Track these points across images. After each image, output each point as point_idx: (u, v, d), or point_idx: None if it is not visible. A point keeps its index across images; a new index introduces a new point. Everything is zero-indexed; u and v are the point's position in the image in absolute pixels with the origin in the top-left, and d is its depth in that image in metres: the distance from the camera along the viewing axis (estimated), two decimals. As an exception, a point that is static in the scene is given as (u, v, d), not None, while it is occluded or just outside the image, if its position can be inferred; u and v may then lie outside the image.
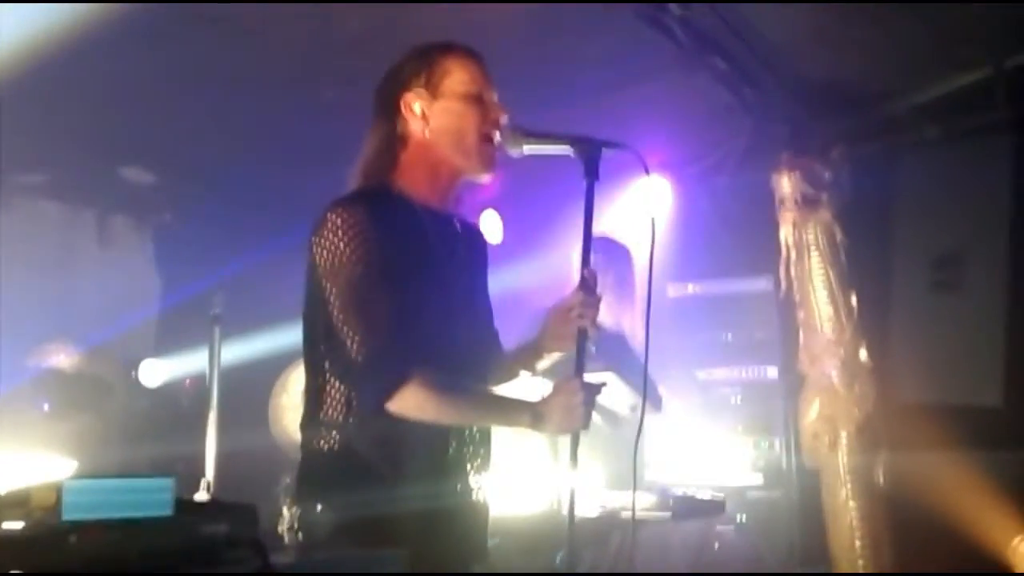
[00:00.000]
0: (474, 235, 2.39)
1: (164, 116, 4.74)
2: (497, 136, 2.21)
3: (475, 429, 2.21)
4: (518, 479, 2.98)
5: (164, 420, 4.86)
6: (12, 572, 1.33)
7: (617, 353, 3.05)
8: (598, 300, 2.18)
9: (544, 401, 2.08)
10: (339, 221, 2.08)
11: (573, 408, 2.05)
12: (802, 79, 4.11)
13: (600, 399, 3.19)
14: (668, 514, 2.91)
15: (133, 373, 4.97)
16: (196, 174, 5.44)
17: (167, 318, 5.65)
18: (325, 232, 2.09)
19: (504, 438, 2.56)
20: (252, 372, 4.93)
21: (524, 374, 2.39)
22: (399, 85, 2.25)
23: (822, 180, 4.35)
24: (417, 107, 2.22)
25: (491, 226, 5.63)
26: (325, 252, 2.08)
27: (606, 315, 3.89)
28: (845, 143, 4.33)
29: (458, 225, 2.30)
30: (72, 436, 4.24)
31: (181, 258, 5.64)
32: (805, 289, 4.54)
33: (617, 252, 4.02)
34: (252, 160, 5.22)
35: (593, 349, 3.03)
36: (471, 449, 2.20)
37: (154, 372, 5.03)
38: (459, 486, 2.16)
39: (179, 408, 4.99)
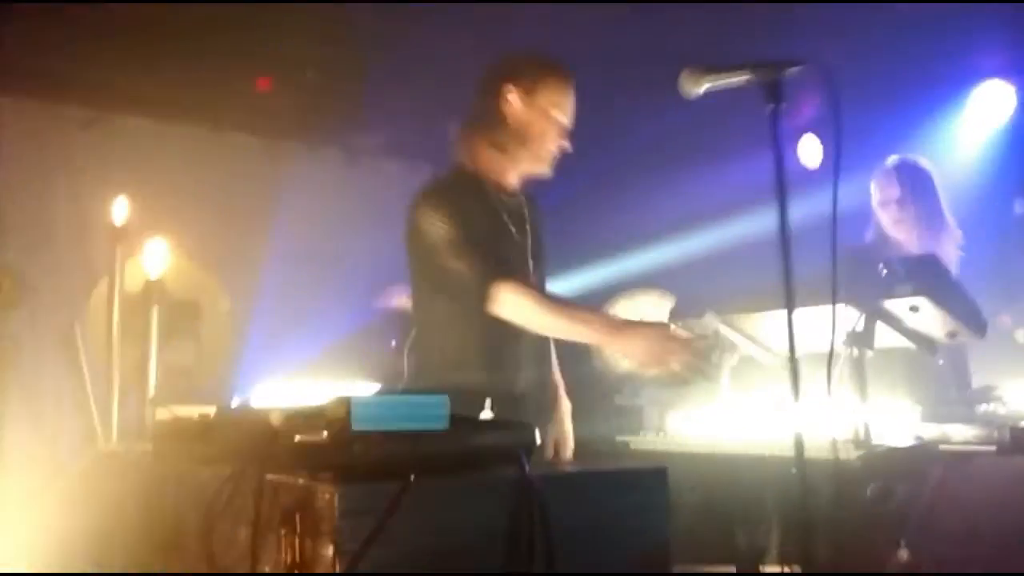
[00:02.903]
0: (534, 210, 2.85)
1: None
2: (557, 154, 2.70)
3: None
4: (814, 408, 2.89)
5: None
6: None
7: (930, 277, 2.83)
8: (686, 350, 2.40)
9: (632, 330, 2.40)
10: (428, 209, 2.60)
11: (658, 355, 2.35)
12: None
13: (912, 326, 3.03)
14: (993, 447, 2.69)
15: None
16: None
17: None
18: (418, 223, 2.61)
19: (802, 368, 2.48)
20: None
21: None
22: (506, 71, 2.69)
23: None
24: (512, 96, 2.66)
25: (811, 149, 5.42)
26: (422, 236, 2.59)
27: (915, 241, 3.63)
28: None
29: (524, 203, 2.78)
30: (411, 369, 4.64)
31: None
32: None
33: (920, 176, 3.72)
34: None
35: (902, 272, 2.86)
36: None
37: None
38: None
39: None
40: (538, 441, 1.77)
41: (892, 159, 3.75)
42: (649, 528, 1.54)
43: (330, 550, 1.37)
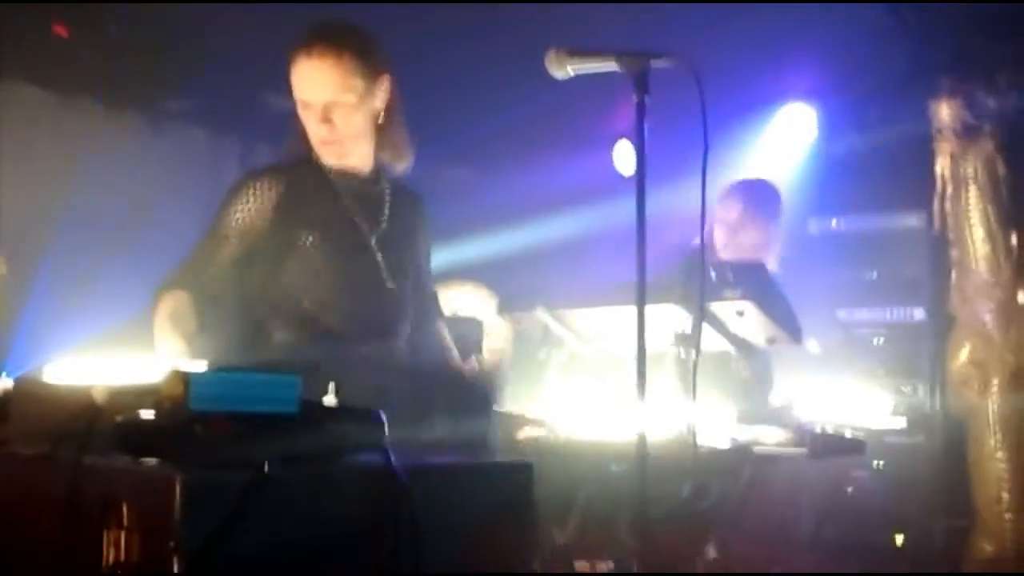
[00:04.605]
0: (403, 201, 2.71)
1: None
2: (328, 137, 2.46)
3: None
4: (648, 407, 2.92)
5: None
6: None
7: (757, 283, 2.92)
8: None
9: None
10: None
11: None
12: (967, -2, 3.80)
13: (736, 330, 3.13)
14: (804, 450, 2.79)
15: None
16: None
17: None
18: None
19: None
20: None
21: None
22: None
23: (985, 108, 4.03)
24: None
25: (625, 156, 5.52)
26: None
27: (748, 247, 3.76)
28: (1012, 68, 3.99)
29: (385, 192, 2.64)
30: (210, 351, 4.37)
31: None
32: (960, 226, 4.26)
33: (764, 192, 3.87)
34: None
35: (731, 277, 2.94)
36: None
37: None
38: None
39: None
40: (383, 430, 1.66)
41: (738, 179, 3.86)
42: (514, 523, 1.46)
43: (167, 547, 1.20)
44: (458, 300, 4.95)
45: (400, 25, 2.94)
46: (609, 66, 2.11)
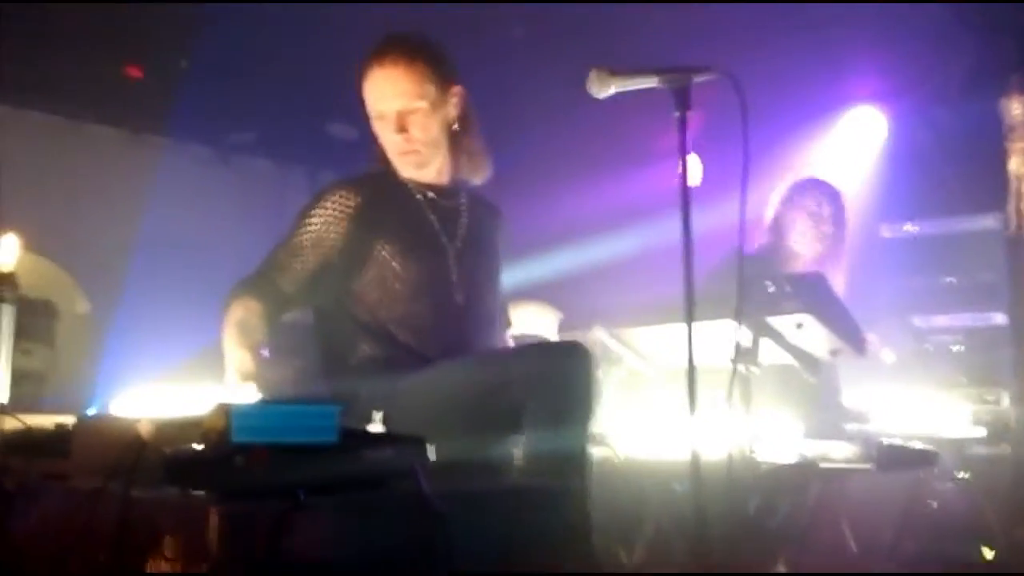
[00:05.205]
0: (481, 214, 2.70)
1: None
2: (405, 147, 2.46)
3: None
4: (705, 424, 2.88)
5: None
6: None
7: (816, 294, 2.86)
8: None
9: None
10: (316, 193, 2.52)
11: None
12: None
13: (798, 343, 3.07)
14: (871, 465, 2.72)
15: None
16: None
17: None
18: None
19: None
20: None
21: None
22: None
23: (1057, 104, 3.90)
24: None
25: (692, 167, 5.46)
26: None
27: (814, 258, 3.68)
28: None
29: (462, 206, 2.62)
30: (286, 379, 4.44)
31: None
32: (1037, 226, 4.12)
33: (832, 193, 3.79)
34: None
35: (789, 289, 2.88)
36: None
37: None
38: None
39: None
40: (432, 457, 1.66)
41: (820, 178, 3.81)
42: (558, 548, 1.45)
43: (208, 577, 1.23)
44: (523, 318, 4.96)
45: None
46: (651, 83, 2.09)
